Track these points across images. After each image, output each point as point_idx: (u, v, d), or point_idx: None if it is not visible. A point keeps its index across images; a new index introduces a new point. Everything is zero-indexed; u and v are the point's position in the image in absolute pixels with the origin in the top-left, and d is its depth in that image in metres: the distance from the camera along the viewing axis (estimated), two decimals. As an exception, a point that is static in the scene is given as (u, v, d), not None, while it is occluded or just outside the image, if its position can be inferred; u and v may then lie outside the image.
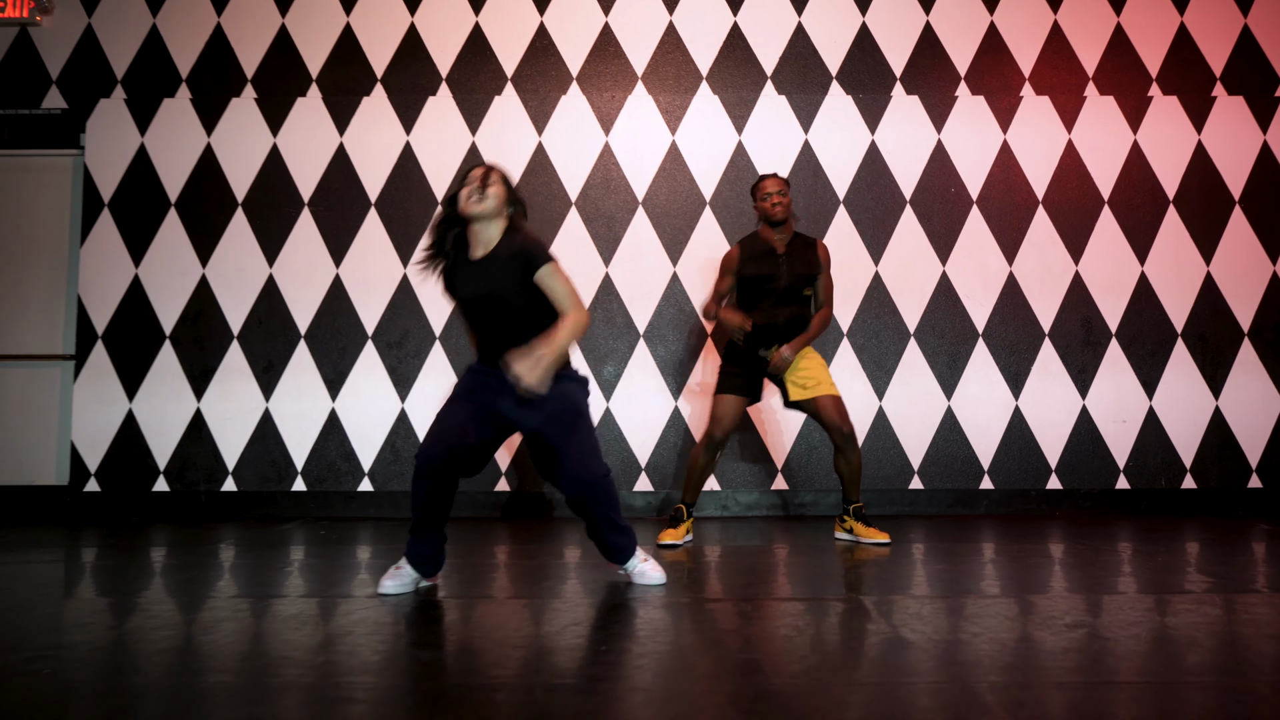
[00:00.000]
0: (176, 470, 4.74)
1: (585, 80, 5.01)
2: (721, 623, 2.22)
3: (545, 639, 2.05)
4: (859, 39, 5.04)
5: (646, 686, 1.66)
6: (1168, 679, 1.71)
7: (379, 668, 1.80)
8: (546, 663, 1.83)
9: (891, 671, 1.76)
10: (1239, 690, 1.64)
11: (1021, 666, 1.79)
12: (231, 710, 1.52)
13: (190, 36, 5.01)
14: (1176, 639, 2.03)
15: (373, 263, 4.85)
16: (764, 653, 1.91)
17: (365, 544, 3.73)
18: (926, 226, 4.90)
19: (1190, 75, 5.04)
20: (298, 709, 1.53)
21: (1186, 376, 4.85)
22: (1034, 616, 2.27)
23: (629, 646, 1.97)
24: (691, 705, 1.55)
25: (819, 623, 2.20)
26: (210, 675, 1.75)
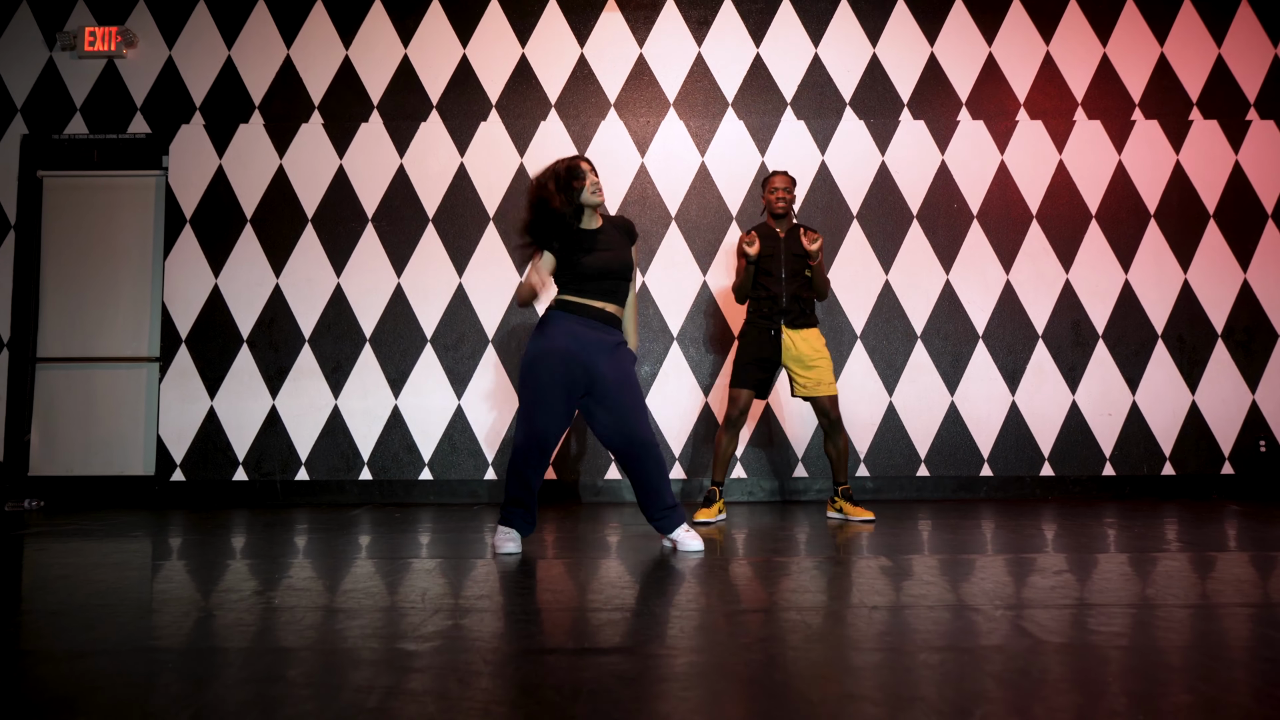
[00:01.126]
0: (254, 461, 5.24)
1: (622, 107, 5.51)
2: (750, 581, 2.72)
3: (591, 602, 2.55)
4: (870, 68, 5.56)
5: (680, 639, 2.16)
6: (1144, 607, 2.22)
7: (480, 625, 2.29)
8: (589, 627, 2.33)
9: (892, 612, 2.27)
10: (1206, 617, 2.15)
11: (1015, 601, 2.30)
12: (299, 672, 1.88)
13: (262, 66, 5.51)
14: (1151, 593, 2.54)
15: (431, 273, 5.35)
16: (783, 604, 2.42)
17: (428, 525, 4.23)
18: (932, 239, 5.42)
19: (1169, 101, 5.57)
20: (363, 664, 2.03)
21: (1166, 374, 5.37)
22: (1021, 572, 2.78)
23: (668, 609, 2.47)
24: (716, 643, 2.05)
25: (826, 578, 2.71)
26: (281, 658, 2.24)
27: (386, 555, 3.17)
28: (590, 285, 3.20)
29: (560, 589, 2.51)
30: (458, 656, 1.75)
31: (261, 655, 1.78)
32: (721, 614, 2.17)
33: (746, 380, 4.25)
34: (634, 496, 3.18)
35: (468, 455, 5.24)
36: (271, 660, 1.74)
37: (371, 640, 1.88)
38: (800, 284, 4.28)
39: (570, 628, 2.02)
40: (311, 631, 1.98)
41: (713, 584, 2.57)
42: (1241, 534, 3.60)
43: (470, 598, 2.36)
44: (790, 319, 4.24)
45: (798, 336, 4.23)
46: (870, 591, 2.40)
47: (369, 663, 1.71)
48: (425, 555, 3.17)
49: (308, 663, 1.73)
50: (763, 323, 4.26)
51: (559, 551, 3.28)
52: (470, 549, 3.31)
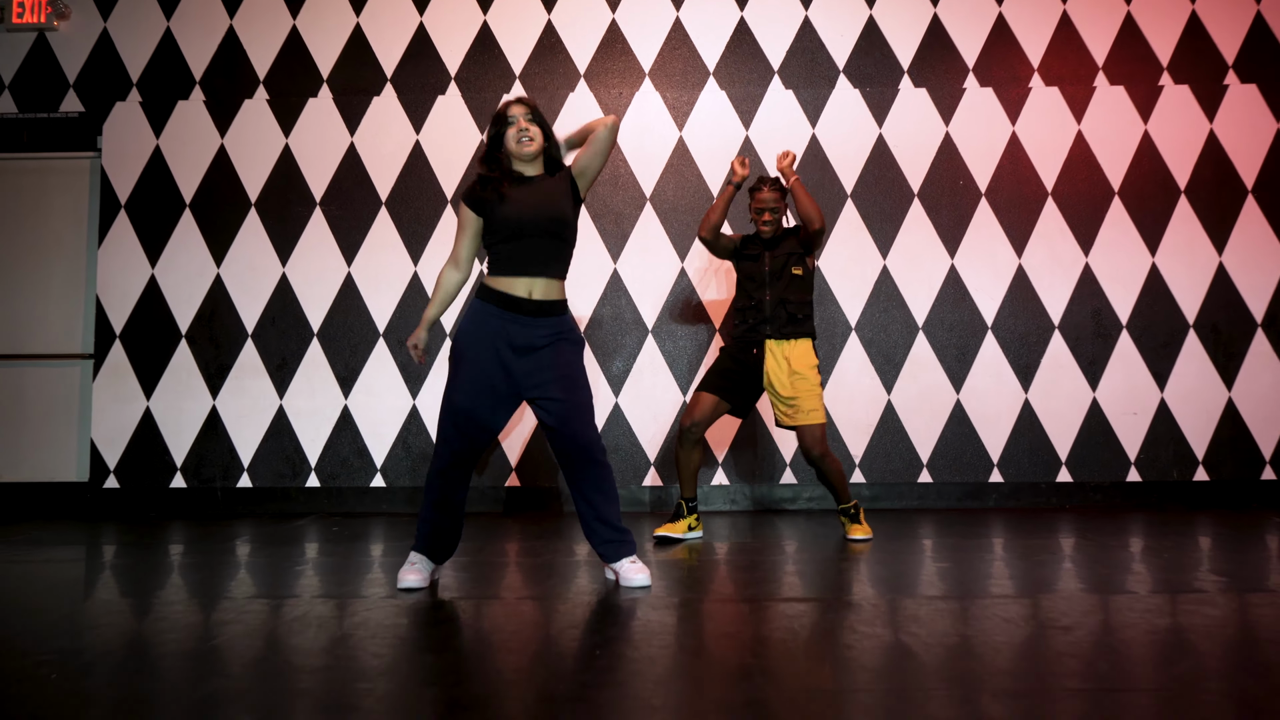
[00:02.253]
0: (193, 467, 4.82)
1: (592, 77, 5.03)
2: (720, 625, 2.24)
3: (545, 642, 2.09)
4: (866, 32, 5.03)
5: (640, 694, 1.69)
6: (1172, 684, 1.72)
7: (383, 671, 1.84)
8: (544, 669, 1.87)
9: (887, 677, 1.78)
10: (1246, 697, 1.65)
11: (1024, 672, 1.81)
12: (238, 717, 1.57)
13: (203, 39, 5.08)
14: (1184, 642, 2.04)
15: (384, 261, 4.91)
16: (760, 658, 1.94)
17: (378, 540, 3.78)
18: (935, 219, 4.90)
19: (1202, 64, 5.00)
20: (302, 716, 1.58)
21: (1198, 368, 4.82)
22: (1036, 618, 2.28)
23: (625, 651, 2.00)
24: (682, 715, 1.58)
25: (816, 626, 2.23)
26: (218, 680, 1.80)
27: (273, 591, 2.72)
28: (507, 253, 2.68)
29: (444, 655, 2.05)
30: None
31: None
32: (643, 705, 1.69)
33: (712, 385, 3.76)
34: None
35: (423, 460, 4.80)
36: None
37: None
38: (787, 285, 3.77)
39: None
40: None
41: (651, 643, 2.09)
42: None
43: (310, 669, 1.90)
44: (777, 328, 3.73)
45: (782, 351, 3.72)
46: (859, 668, 1.91)
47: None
48: (317, 593, 2.72)
49: None
50: (746, 338, 3.77)
51: (475, 585, 2.82)
52: (384, 580, 2.86)
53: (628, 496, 4.76)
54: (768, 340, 3.72)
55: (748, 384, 3.77)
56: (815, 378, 3.71)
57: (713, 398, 3.74)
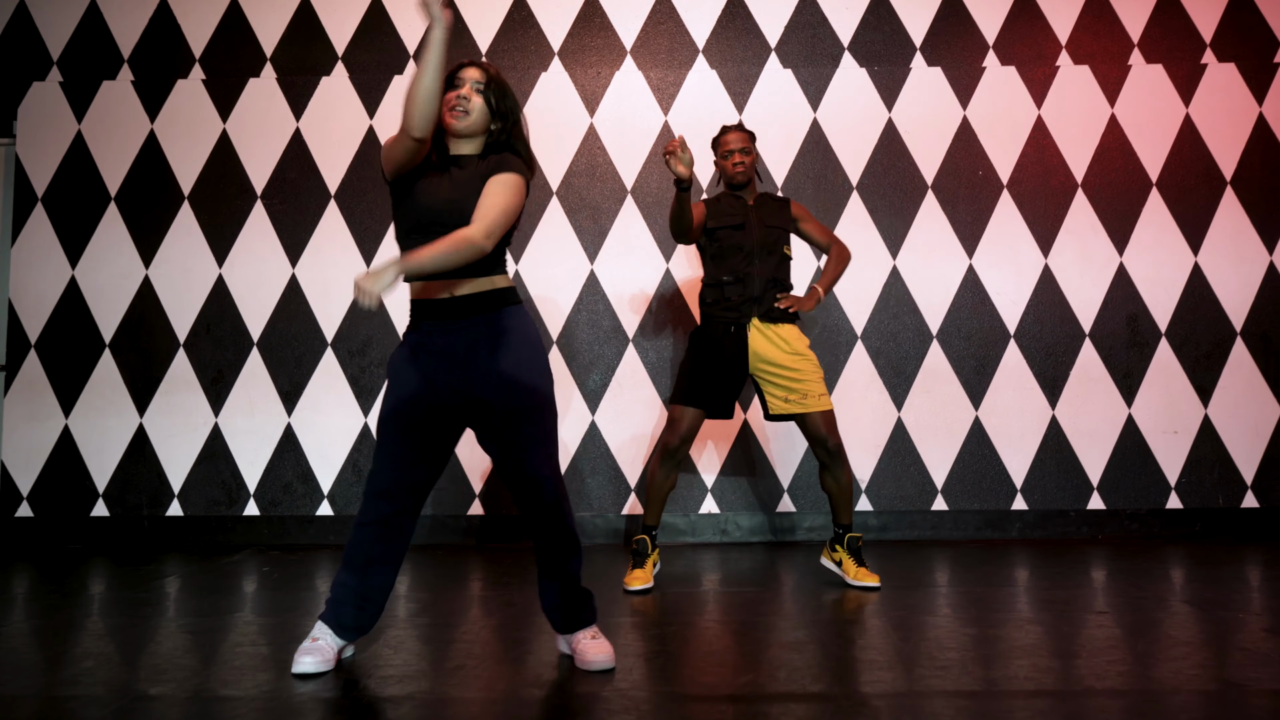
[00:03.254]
0: (117, 493, 4.29)
1: (568, 55, 4.49)
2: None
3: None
4: (874, 5, 4.49)
5: None
6: None
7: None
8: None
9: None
10: None
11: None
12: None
13: (133, 13, 4.53)
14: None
15: (332, 261, 4.37)
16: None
17: (323, 577, 3.25)
18: (951, 214, 4.36)
19: (1248, 39, 4.46)
20: None
21: (1247, 381, 4.29)
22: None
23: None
24: None
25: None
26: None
27: (178, 673, 2.19)
28: (416, 244, 2.15)
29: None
30: None
31: None
32: None
33: (693, 395, 3.22)
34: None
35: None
36: None
37: None
38: (779, 263, 3.26)
39: None
40: None
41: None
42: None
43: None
44: (764, 310, 3.22)
45: (771, 333, 3.21)
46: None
47: None
48: (214, 681, 2.18)
49: None
50: (725, 316, 3.23)
51: (395, 657, 2.28)
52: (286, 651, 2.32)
53: (604, 526, 4.23)
54: (754, 320, 3.20)
55: (730, 375, 3.22)
56: (815, 358, 3.24)
57: (695, 410, 3.20)
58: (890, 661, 2.20)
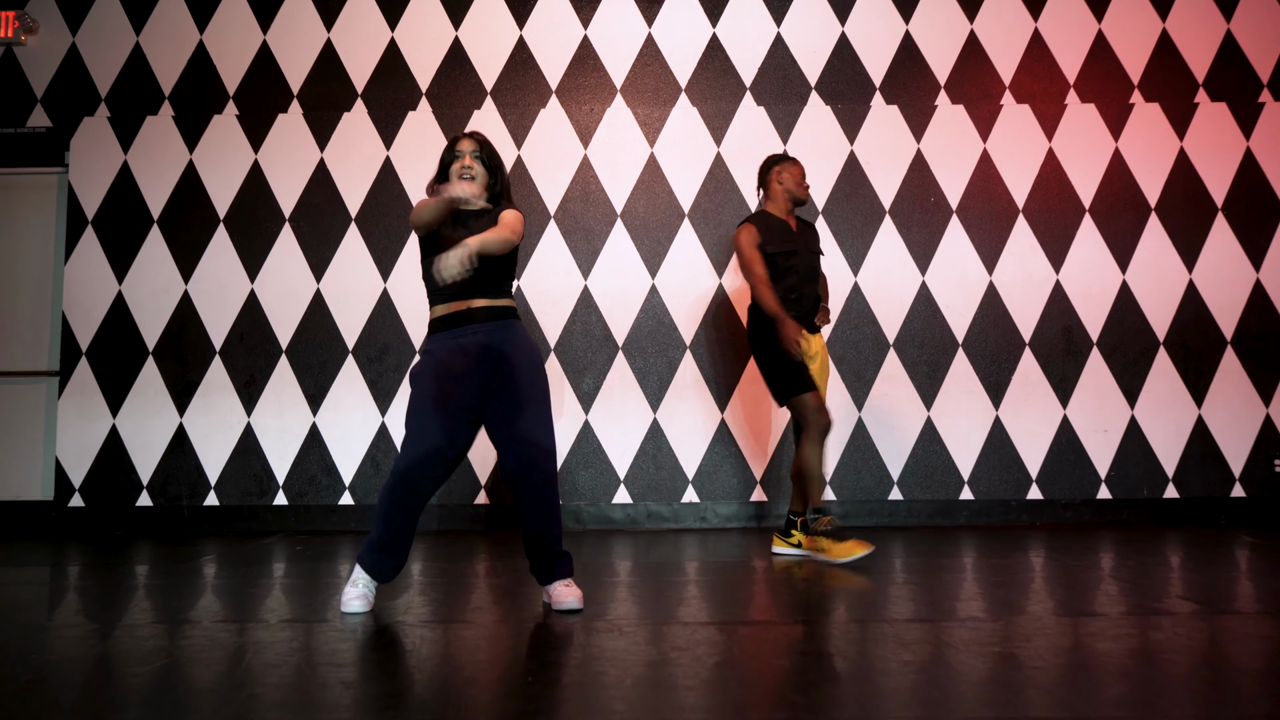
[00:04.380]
0: (159, 485, 4.78)
1: (564, 93, 5.02)
2: (660, 650, 2.22)
3: (482, 671, 2.06)
4: (838, 48, 5.04)
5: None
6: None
7: (349, 691, 1.81)
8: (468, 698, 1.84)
9: (812, 708, 1.76)
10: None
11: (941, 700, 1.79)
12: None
13: (173, 54, 5.05)
14: (1139, 668, 2.02)
15: (353, 277, 4.88)
16: (695, 682, 1.91)
17: (345, 559, 3.75)
18: (906, 236, 4.89)
19: (1173, 82, 5.02)
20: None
21: (1169, 385, 4.82)
22: (992, 640, 2.26)
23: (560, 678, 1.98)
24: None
25: (752, 649, 2.21)
26: (159, 709, 1.77)
27: (235, 614, 2.68)
28: (438, 285, 2.68)
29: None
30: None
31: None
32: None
33: (808, 380, 3.56)
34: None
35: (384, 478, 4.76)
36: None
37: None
38: (819, 284, 3.82)
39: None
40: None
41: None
42: (1260, 582, 3.06)
43: (269, 697, 1.87)
44: (809, 325, 3.73)
45: (818, 342, 3.78)
46: (768, 691, 1.89)
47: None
48: (284, 616, 2.68)
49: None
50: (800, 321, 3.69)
51: (438, 609, 2.79)
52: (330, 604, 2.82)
53: (595, 514, 4.74)
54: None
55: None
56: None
57: (815, 392, 3.57)
58: (842, 599, 2.71)
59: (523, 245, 4.86)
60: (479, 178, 2.75)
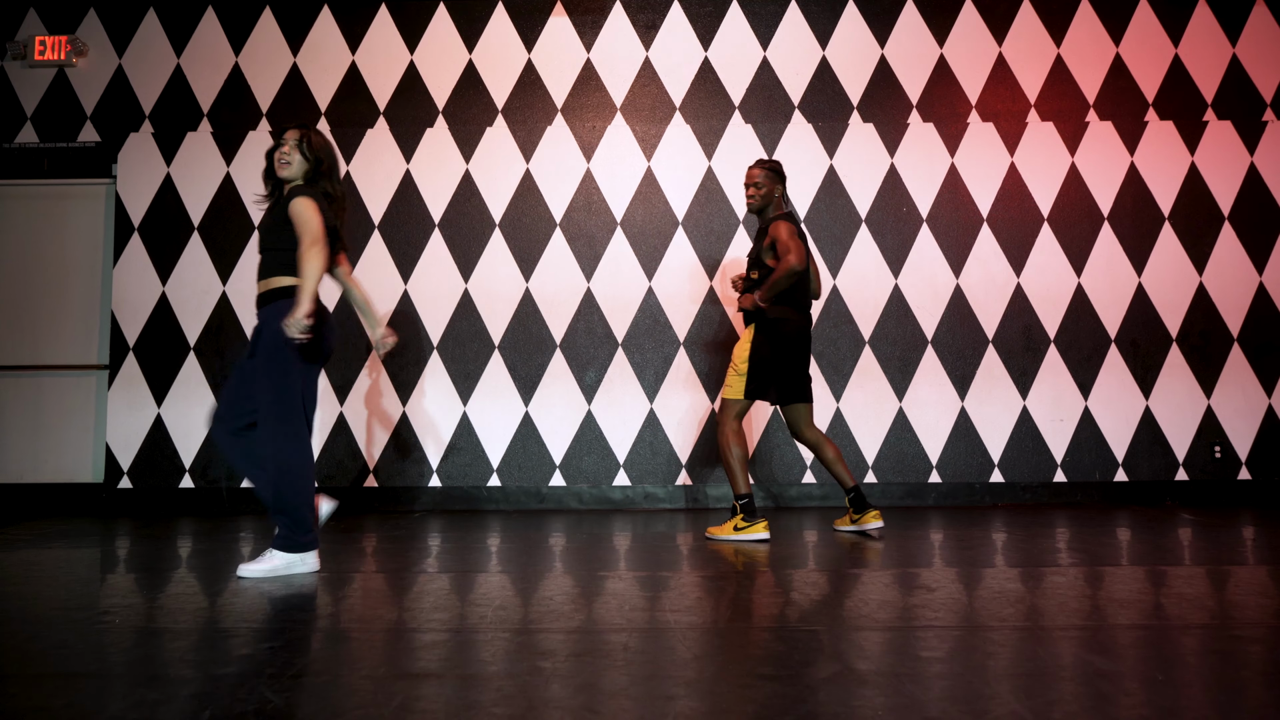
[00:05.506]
0: (200, 468, 5.25)
1: (569, 112, 5.49)
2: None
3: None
4: (819, 71, 5.51)
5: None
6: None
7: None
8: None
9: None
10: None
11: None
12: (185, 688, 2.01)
13: (210, 74, 5.52)
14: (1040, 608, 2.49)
15: (377, 279, 5.35)
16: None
17: (368, 531, 4.22)
18: (880, 243, 5.37)
19: (1125, 102, 5.49)
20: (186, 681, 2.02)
21: (1119, 379, 5.29)
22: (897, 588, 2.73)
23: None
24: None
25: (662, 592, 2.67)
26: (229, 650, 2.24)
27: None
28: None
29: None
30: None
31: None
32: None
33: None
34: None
35: (412, 462, 5.24)
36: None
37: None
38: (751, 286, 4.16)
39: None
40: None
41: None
42: (1193, 546, 3.54)
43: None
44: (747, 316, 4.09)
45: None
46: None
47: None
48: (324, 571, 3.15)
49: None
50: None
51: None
52: (347, 562, 3.30)
53: (597, 495, 5.21)
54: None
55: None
56: (742, 358, 3.98)
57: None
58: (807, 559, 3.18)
59: (530, 250, 5.34)
60: (294, 164, 3.19)
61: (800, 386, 4.04)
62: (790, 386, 4.01)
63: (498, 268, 5.36)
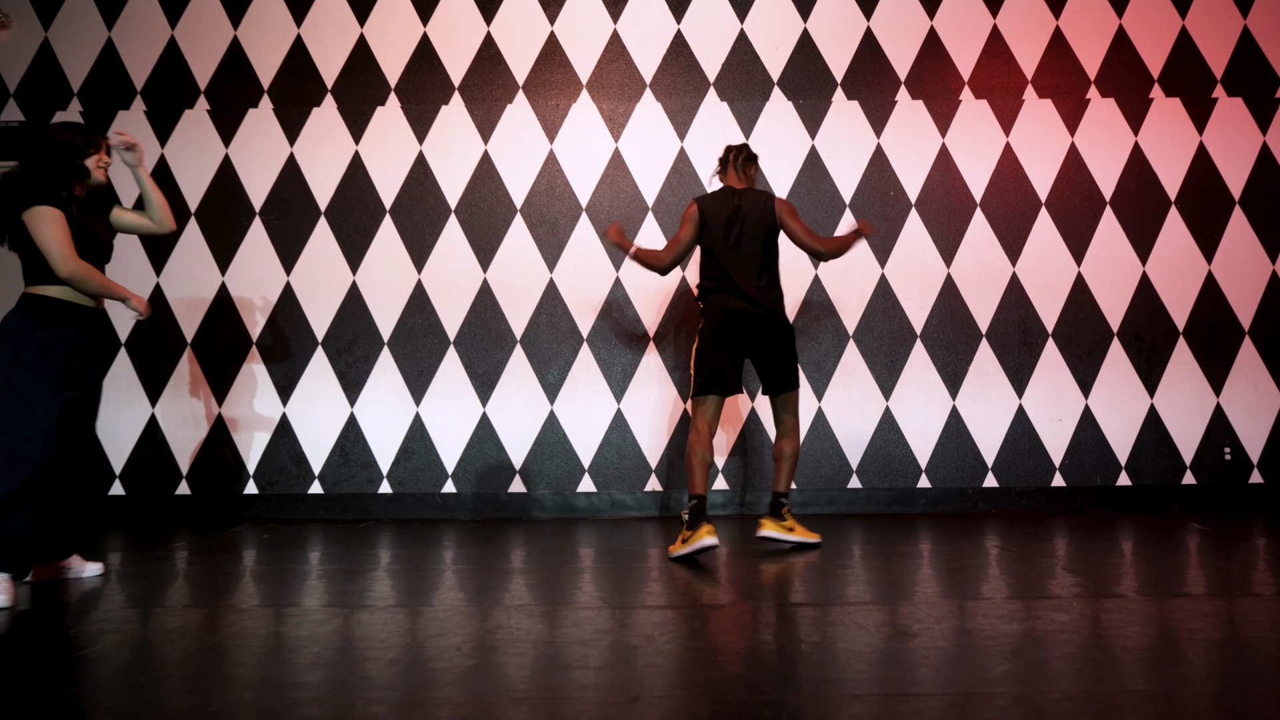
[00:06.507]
0: (131, 474, 4.87)
1: (531, 89, 5.10)
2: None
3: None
4: (800, 45, 5.12)
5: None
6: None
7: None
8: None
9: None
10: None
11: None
12: None
13: (145, 50, 5.11)
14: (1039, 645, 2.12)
15: (322, 270, 4.96)
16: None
17: (314, 546, 3.84)
18: (865, 230, 4.98)
19: (1128, 77, 5.11)
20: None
21: (1122, 376, 4.92)
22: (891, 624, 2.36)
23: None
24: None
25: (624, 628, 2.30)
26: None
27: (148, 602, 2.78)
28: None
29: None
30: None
31: None
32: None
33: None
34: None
35: (360, 468, 4.86)
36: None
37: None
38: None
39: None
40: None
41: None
42: (1204, 569, 3.18)
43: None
44: None
45: None
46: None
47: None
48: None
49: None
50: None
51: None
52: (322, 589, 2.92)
53: (559, 503, 4.83)
54: None
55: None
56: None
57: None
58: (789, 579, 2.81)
59: (488, 238, 4.96)
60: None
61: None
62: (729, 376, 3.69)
63: (453, 257, 4.97)
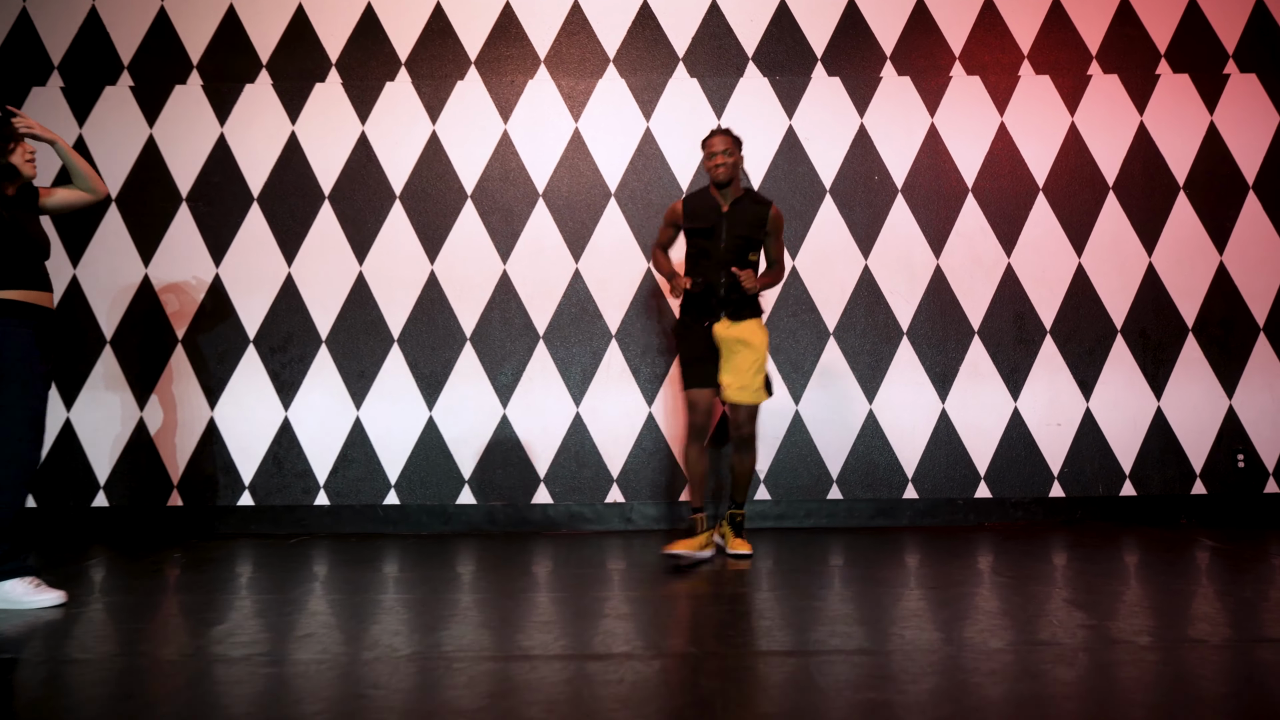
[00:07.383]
0: (41, 484, 4.44)
1: (484, 64, 4.68)
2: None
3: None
4: (777, 17, 4.70)
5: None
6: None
7: None
8: None
9: None
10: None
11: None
12: None
13: (63, 21, 4.68)
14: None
15: (254, 261, 4.54)
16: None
17: (244, 566, 3.43)
18: (847, 217, 4.58)
19: (1133, 52, 4.70)
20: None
21: (1126, 376, 4.52)
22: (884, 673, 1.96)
23: None
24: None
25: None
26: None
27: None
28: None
29: None
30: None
31: None
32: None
33: (698, 378, 3.55)
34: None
35: (294, 477, 4.44)
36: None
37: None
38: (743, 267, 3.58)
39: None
40: None
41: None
42: (1224, 600, 2.77)
43: None
44: (732, 310, 3.52)
45: (736, 329, 3.54)
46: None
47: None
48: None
49: None
50: (695, 313, 3.59)
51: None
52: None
53: (514, 515, 4.42)
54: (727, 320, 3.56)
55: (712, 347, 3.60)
56: (761, 353, 3.57)
57: (708, 391, 3.57)
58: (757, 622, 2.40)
59: (436, 226, 4.55)
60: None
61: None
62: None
63: (398, 247, 4.55)
